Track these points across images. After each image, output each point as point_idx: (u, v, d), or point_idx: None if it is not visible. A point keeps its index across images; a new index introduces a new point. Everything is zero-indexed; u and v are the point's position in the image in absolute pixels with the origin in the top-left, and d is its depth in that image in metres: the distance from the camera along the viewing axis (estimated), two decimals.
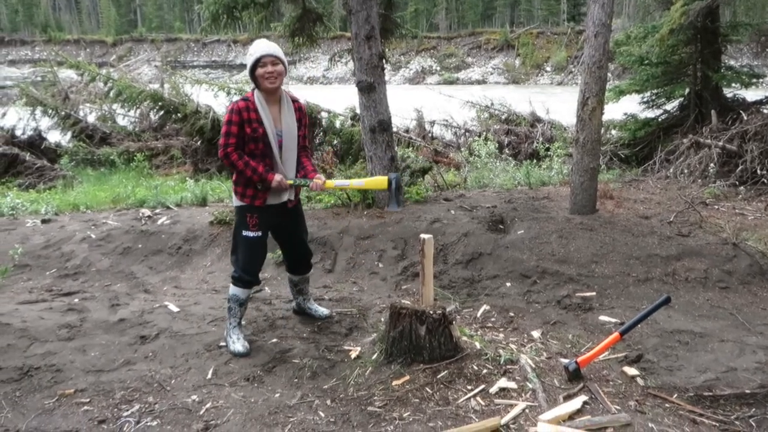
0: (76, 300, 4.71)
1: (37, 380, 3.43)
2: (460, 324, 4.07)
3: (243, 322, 4.17)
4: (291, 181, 3.80)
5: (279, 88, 3.70)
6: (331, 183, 3.93)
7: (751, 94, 9.67)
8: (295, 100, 3.86)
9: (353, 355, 3.75)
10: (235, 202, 3.81)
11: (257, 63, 3.62)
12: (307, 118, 4.00)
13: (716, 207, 6.42)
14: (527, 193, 7.00)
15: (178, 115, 11.68)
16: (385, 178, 3.92)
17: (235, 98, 11.27)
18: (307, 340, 3.97)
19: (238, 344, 3.78)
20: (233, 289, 3.85)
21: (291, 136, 3.77)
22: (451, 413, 3.07)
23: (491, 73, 52.36)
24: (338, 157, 10.03)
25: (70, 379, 3.45)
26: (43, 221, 6.61)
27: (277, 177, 3.70)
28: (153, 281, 5.30)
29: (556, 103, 15.21)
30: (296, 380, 3.49)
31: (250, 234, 3.76)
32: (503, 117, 13.35)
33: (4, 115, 13.39)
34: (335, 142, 10.98)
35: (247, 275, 3.82)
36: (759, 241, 5.12)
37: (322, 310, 4.36)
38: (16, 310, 4.33)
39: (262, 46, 3.66)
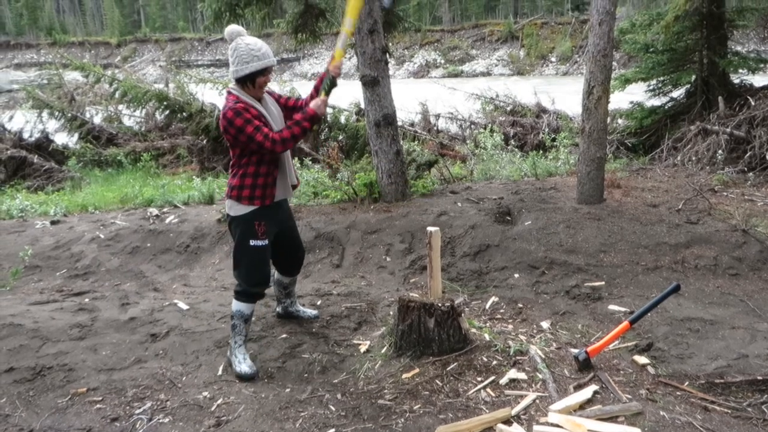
0: (87, 300, 4.74)
1: (50, 380, 3.46)
2: (469, 316, 4.07)
3: (252, 319, 4.19)
4: (324, 93, 3.56)
5: None
6: (339, 52, 3.63)
7: (758, 80, 9.57)
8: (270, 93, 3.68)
9: (363, 349, 3.76)
10: (239, 210, 3.49)
11: (265, 70, 3.39)
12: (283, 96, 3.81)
13: (725, 194, 6.37)
14: (534, 183, 6.98)
15: (184, 114, 11.72)
16: None
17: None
18: (317, 335, 3.98)
19: (244, 365, 3.51)
20: (239, 305, 3.58)
21: (280, 124, 3.57)
22: (462, 405, 3.07)
23: (496, 65, 52.04)
24: (344, 152, 10.02)
25: (83, 378, 3.48)
26: (53, 222, 6.65)
27: (316, 106, 3.46)
28: (162, 280, 5.32)
29: (562, 93, 15.13)
30: (306, 375, 3.51)
31: (259, 243, 3.52)
32: (508, 108, 13.29)
33: (11, 118, 13.47)
34: (340, 137, 10.97)
35: (256, 288, 3.60)
36: None
37: (311, 311, 4.27)
38: (27, 311, 4.36)
39: (267, 50, 3.39)
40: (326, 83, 3.58)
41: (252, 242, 3.51)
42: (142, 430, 3.00)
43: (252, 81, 3.39)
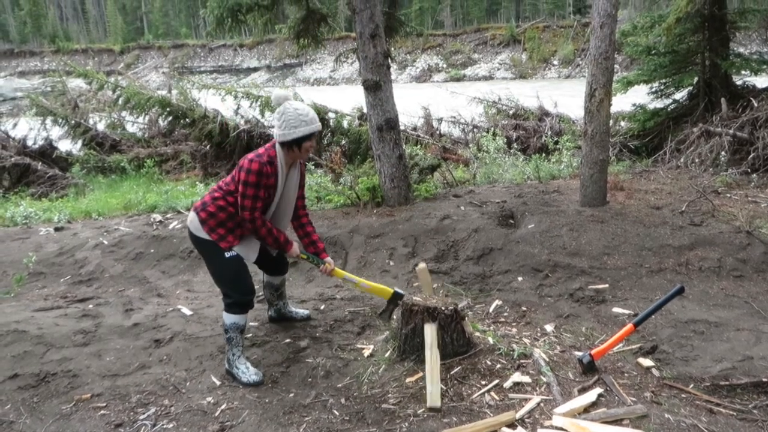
0: (91, 306, 4.75)
1: (54, 386, 3.46)
2: (473, 320, 4.06)
3: (256, 323, 4.19)
4: (305, 256, 3.73)
5: None
6: (341, 273, 3.84)
7: (761, 81, 9.57)
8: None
9: (366, 353, 3.75)
10: (201, 233, 3.49)
11: (311, 135, 3.45)
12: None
13: (728, 195, 6.36)
14: (537, 187, 6.97)
15: (187, 120, 11.75)
16: (391, 290, 3.85)
17: (243, 103, 11.45)
18: (320, 340, 3.98)
19: (250, 374, 3.48)
20: (232, 318, 3.53)
21: (289, 200, 3.66)
22: (466, 409, 3.06)
23: (498, 69, 52.14)
24: (347, 157, 10.03)
25: (87, 384, 3.48)
26: (56, 229, 6.67)
27: (296, 248, 3.65)
28: (166, 285, 5.33)
29: (564, 96, 15.14)
30: (310, 380, 3.50)
31: (234, 253, 3.51)
32: (511, 112, 13.29)
33: (15, 125, 13.53)
34: (343, 142, 10.99)
35: (246, 296, 3.56)
36: None
37: (303, 312, 4.30)
38: (32, 318, 4.37)
39: (314, 115, 3.45)
40: (313, 261, 3.76)
41: (227, 254, 3.48)
42: None
43: (299, 145, 3.45)
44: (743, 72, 9.26)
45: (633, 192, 6.44)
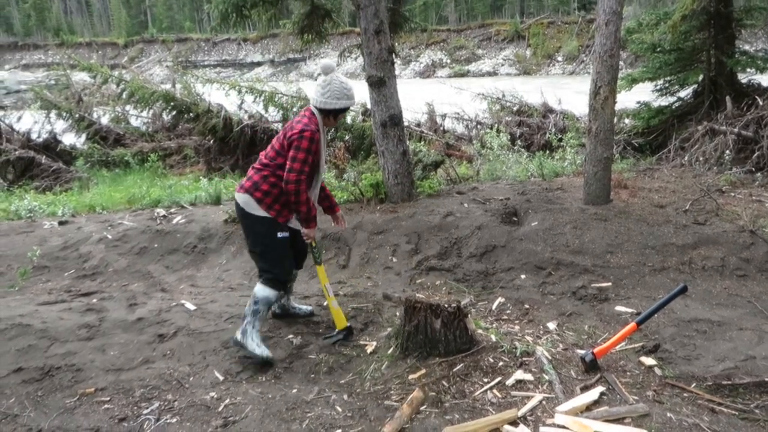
0: (95, 300, 4.76)
1: (58, 380, 3.48)
2: (476, 317, 4.07)
3: None
4: (315, 244, 3.95)
5: None
6: (325, 280, 4.00)
7: (766, 79, 9.51)
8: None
9: (369, 349, 3.76)
10: (257, 211, 3.65)
11: (348, 109, 3.74)
12: None
13: (733, 194, 6.34)
14: (540, 184, 6.96)
15: (191, 114, 11.75)
16: (346, 323, 3.98)
17: (247, 97, 11.44)
18: (323, 336, 3.99)
19: (263, 348, 3.63)
20: (266, 291, 3.70)
21: (323, 165, 3.82)
22: (468, 406, 3.07)
23: (502, 65, 51.93)
24: (350, 153, 10.02)
25: (91, 378, 3.50)
26: (61, 223, 6.69)
27: (315, 230, 3.85)
28: (169, 280, 5.35)
29: (568, 93, 15.09)
30: (313, 376, 3.52)
31: (286, 234, 3.74)
32: (515, 108, 13.25)
33: (19, 118, 13.54)
34: (347, 137, 10.98)
35: (285, 275, 3.81)
36: None
37: (306, 308, 4.37)
38: (36, 311, 4.39)
39: (354, 92, 3.73)
40: (317, 252, 4.04)
41: (279, 234, 3.71)
42: (149, 430, 3.02)
43: (335, 115, 3.73)
44: (749, 70, 9.20)
45: (637, 190, 6.42)
